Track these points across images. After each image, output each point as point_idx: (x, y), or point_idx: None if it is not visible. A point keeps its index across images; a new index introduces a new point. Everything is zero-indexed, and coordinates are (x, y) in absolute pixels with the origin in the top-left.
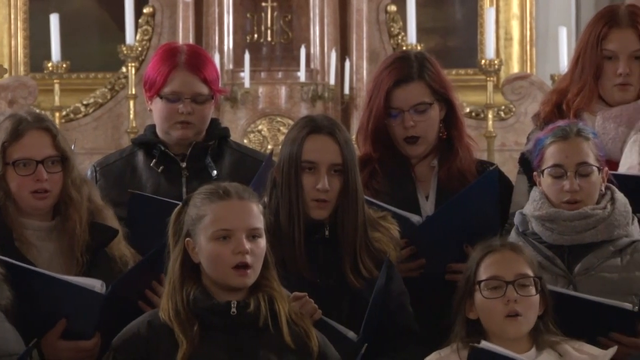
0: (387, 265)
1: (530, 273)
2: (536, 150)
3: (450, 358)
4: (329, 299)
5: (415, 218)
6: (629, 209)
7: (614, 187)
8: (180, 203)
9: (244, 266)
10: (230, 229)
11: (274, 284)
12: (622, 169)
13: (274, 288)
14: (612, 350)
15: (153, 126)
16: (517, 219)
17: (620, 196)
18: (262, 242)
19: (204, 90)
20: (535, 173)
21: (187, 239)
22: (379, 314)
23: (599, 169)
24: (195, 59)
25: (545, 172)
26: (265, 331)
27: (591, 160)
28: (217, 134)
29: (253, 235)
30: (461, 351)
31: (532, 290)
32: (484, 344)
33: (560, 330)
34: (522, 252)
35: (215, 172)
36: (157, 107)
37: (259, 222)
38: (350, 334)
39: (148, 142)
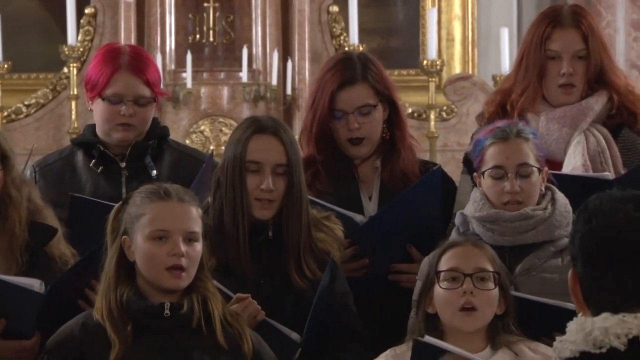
0: (330, 265)
1: (490, 268)
2: (476, 151)
3: (406, 355)
4: (273, 300)
5: (358, 218)
6: (570, 209)
7: (554, 188)
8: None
9: (178, 268)
10: (168, 230)
11: (208, 285)
12: (566, 169)
13: (208, 289)
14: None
15: (93, 126)
16: (457, 220)
17: (560, 196)
18: (199, 246)
19: (146, 92)
20: (475, 174)
21: (124, 236)
22: (323, 314)
23: (539, 170)
24: (138, 61)
25: (486, 173)
26: (199, 332)
27: (531, 161)
28: (157, 133)
29: (190, 239)
30: (412, 340)
31: (491, 285)
32: (428, 338)
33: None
34: (484, 248)
35: (154, 172)
36: (98, 108)
37: (197, 226)
38: (294, 335)
39: (87, 142)
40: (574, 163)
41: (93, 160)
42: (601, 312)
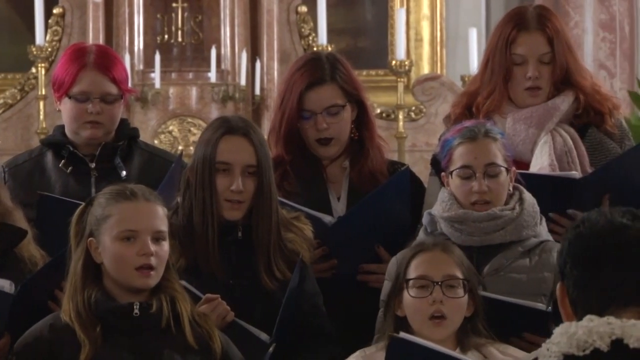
0: (300, 265)
1: (460, 275)
2: (444, 151)
3: (375, 356)
4: (242, 301)
5: (327, 218)
6: (537, 209)
7: (522, 188)
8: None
9: (147, 267)
10: (136, 230)
11: (176, 285)
12: (533, 170)
13: (175, 289)
14: (536, 353)
15: (62, 127)
16: (425, 220)
17: (528, 196)
18: (166, 245)
19: (113, 90)
20: (443, 174)
21: (90, 238)
22: (292, 315)
23: (507, 170)
24: (104, 59)
25: (454, 173)
26: (168, 332)
27: (499, 160)
28: (127, 134)
29: (157, 238)
30: (388, 336)
31: (460, 292)
32: (403, 334)
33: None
34: (453, 253)
35: (124, 172)
36: (65, 107)
37: (164, 225)
38: (263, 336)
39: (57, 143)
40: (541, 163)
41: (62, 161)
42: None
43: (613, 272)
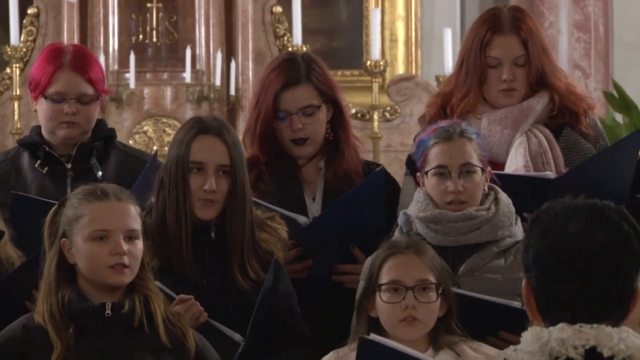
0: (274, 266)
1: (432, 278)
2: (419, 151)
3: (349, 357)
4: (216, 301)
5: (302, 219)
6: (513, 209)
7: (497, 188)
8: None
9: (121, 266)
10: (108, 229)
11: (150, 284)
12: (508, 170)
13: (149, 288)
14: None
15: (38, 127)
16: (401, 220)
17: (503, 197)
18: (139, 243)
19: (89, 90)
20: (418, 174)
21: (63, 239)
22: (266, 315)
23: (482, 170)
24: (80, 59)
25: (429, 173)
26: (141, 332)
27: (474, 160)
28: (103, 134)
29: (130, 237)
30: (359, 337)
31: (433, 296)
32: (373, 336)
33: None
34: (425, 255)
35: (100, 173)
36: (41, 108)
37: (137, 224)
38: (237, 336)
39: (33, 143)
40: (516, 164)
41: (39, 161)
42: (557, 323)
43: (582, 281)
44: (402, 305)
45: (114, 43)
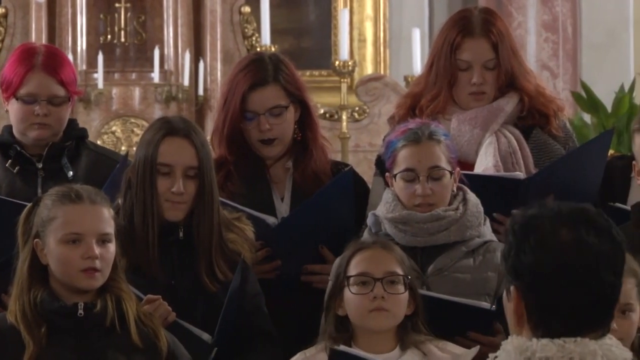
0: (241, 266)
1: (400, 271)
2: (388, 153)
3: (316, 357)
4: (184, 301)
5: (270, 220)
6: (481, 209)
7: (465, 188)
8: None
9: (92, 269)
10: (81, 233)
11: (122, 285)
12: (478, 170)
13: (121, 289)
14: (475, 350)
15: (10, 127)
16: (369, 220)
17: (472, 197)
18: (112, 247)
19: (61, 92)
20: (387, 175)
21: (36, 239)
22: (234, 316)
23: (451, 172)
24: (52, 61)
25: (398, 175)
26: (113, 332)
27: (443, 163)
28: (75, 134)
29: (103, 240)
30: (329, 349)
31: (401, 288)
32: (343, 347)
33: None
34: (393, 250)
35: (71, 172)
36: (13, 109)
37: (110, 227)
38: (205, 336)
39: (4, 143)
40: (485, 164)
41: (9, 161)
42: (547, 330)
43: (572, 294)
44: (370, 296)
45: (82, 43)
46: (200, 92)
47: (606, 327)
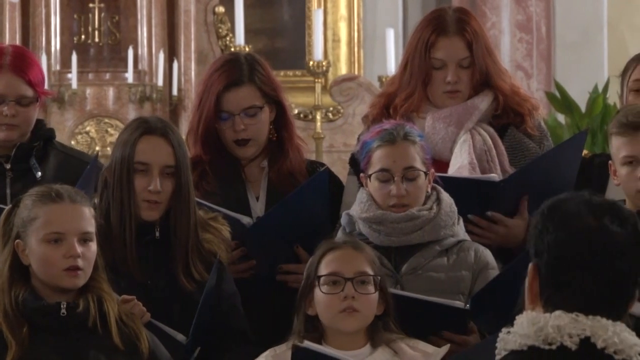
0: (217, 266)
1: (370, 271)
2: (363, 153)
3: (286, 354)
4: (160, 301)
5: (245, 219)
6: (455, 209)
7: (439, 188)
8: (5, 207)
9: (75, 269)
10: (62, 232)
11: (104, 285)
12: (452, 168)
13: (103, 289)
14: (445, 348)
15: None
16: (344, 220)
17: (445, 197)
18: (93, 245)
19: (29, 92)
20: (362, 175)
21: (17, 240)
22: (210, 315)
23: (425, 173)
24: (20, 61)
25: (372, 176)
26: (95, 332)
27: (418, 164)
28: (42, 135)
29: (85, 239)
30: (293, 346)
31: (371, 288)
32: (307, 343)
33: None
34: (364, 250)
35: (39, 173)
36: None
37: (91, 226)
38: (180, 337)
39: None
40: (460, 162)
41: None
42: (550, 310)
43: (592, 276)
44: (340, 296)
45: (56, 43)
46: (174, 92)
47: (619, 315)
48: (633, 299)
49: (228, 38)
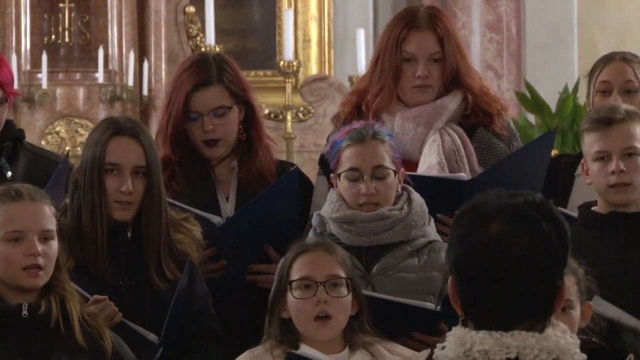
0: (189, 266)
1: (342, 274)
2: (332, 153)
3: (263, 356)
4: (132, 301)
5: (216, 219)
6: (426, 209)
7: (410, 188)
8: None
9: (35, 267)
10: (22, 230)
11: (66, 285)
12: (422, 168)
13: (65, 289)
14: (425, 353)
15: None
16: (314, 220)
17: (416, 197)
18: (54, 244)
19: None
20: (332, 175)
21: None
22: (181, 316)
23: (395, 172)
24: None
25: (342, 175)
26: (58, 332)
27: (387, 163)
28: (12, 135)
29: (45, 237)
30: (274, 350)
31: (344, 290)
32: (301, 350)
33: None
34: (335, 253)
35: (9, 173)
36: None
37: (51, 224)
38: (152, 336)
39: None
40: (429, 161)
41: None
42: (479, 323)
43: (500, 287)
44: (313, 300)
45: (26, 43)
46: (145, 92)
47: (546, 318)
48: (559, 297)
49: (198, 38)
